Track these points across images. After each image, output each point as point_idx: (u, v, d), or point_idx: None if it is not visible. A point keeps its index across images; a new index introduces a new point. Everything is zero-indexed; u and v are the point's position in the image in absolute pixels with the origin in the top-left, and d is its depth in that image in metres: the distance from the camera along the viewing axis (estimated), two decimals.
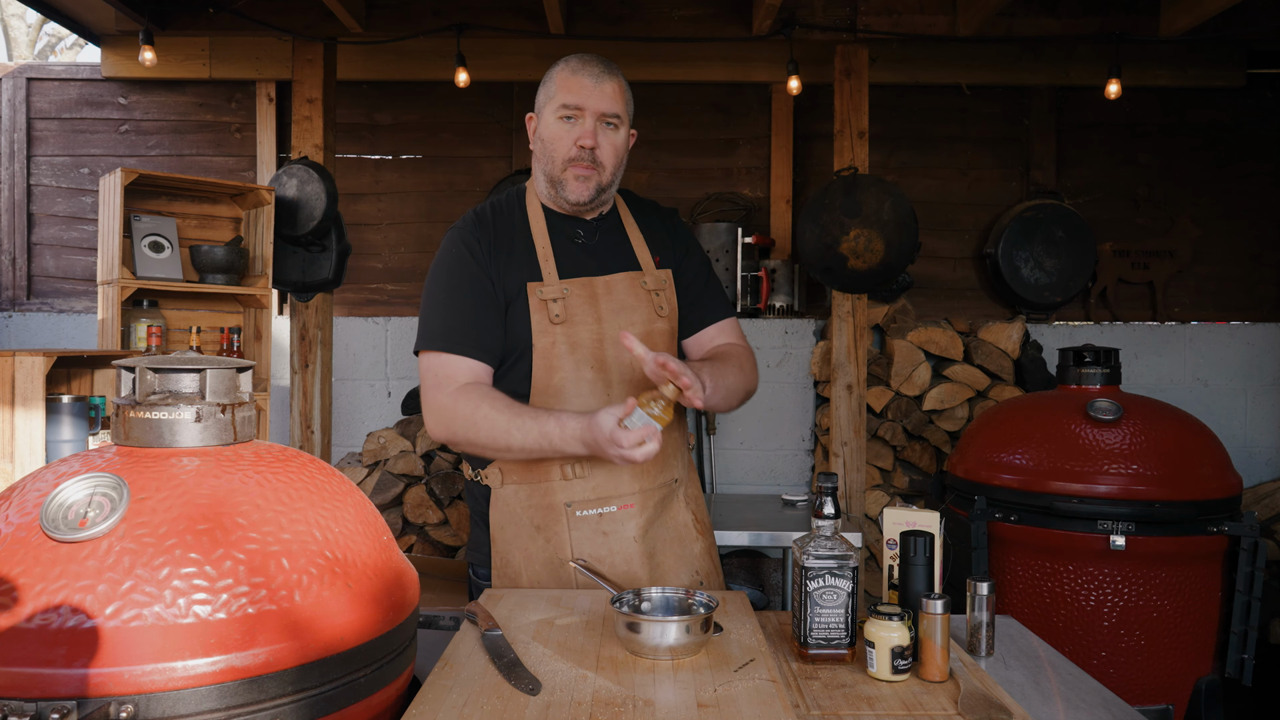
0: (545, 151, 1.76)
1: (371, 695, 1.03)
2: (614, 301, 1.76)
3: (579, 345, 1.72)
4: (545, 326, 1.71)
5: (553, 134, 1.74)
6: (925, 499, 4.18)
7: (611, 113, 1.73)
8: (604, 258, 1.80)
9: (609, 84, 1.73)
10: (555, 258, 1.76)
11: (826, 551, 1.37)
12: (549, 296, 1.72)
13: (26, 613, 0.89)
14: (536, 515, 1.74)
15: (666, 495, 1.81)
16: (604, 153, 1.74)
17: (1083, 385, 3.00)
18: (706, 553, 1.86)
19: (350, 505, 1.12)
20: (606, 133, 1.74)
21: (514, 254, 1.75)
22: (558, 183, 1.76)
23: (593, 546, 1.73)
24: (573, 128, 1.72)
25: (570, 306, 1.72)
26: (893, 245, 4.01)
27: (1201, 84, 4.46)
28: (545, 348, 1.71)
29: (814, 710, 1.22)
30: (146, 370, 1.08)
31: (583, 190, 1.74)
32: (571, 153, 1.72)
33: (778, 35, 4.10)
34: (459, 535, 4.22)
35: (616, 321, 1.74)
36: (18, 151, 4.58)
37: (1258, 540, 2.67)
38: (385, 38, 4.13)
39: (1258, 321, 4.59)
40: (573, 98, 1.71)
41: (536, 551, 1.73)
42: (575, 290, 1.74)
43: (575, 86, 1.71)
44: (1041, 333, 4.51)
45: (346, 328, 4.53)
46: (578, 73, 1.72)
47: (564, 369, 1.71)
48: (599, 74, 1.72)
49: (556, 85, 1.74)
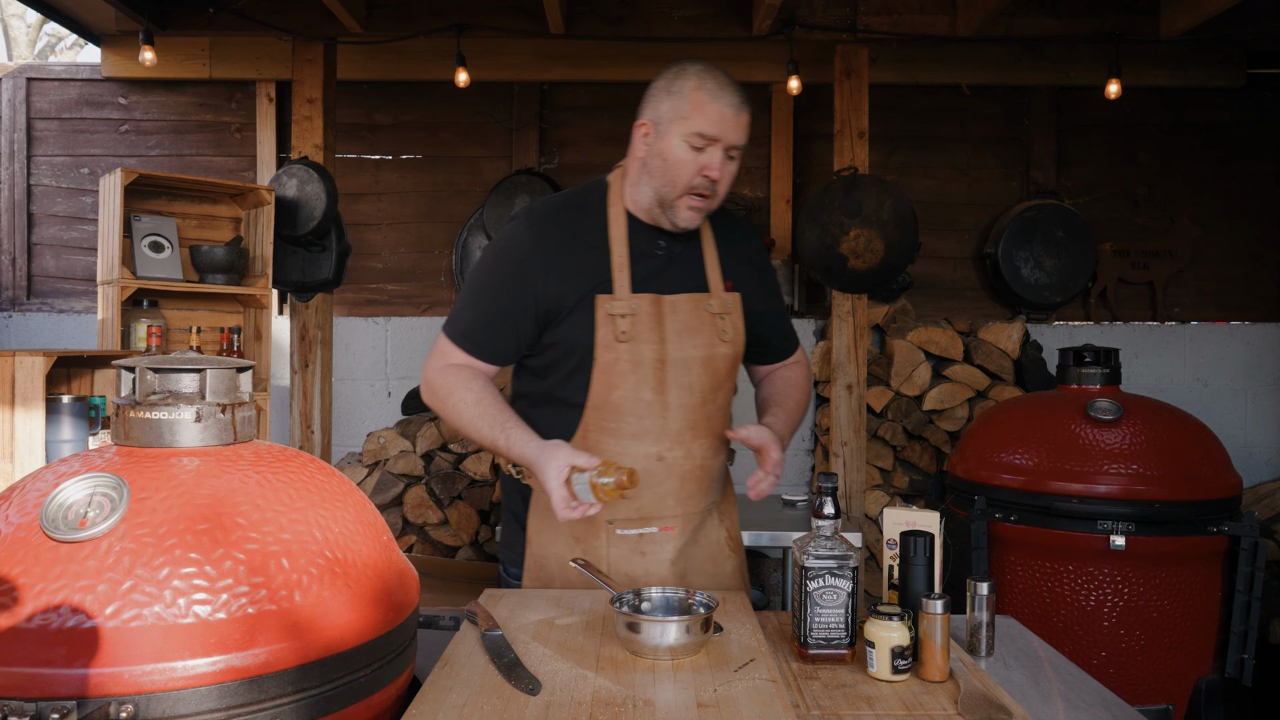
0: (665, 172, 1.67)
1: (371, 695, 1.03)
2: (678, 322, 1.70)
3: (641, 364, 1.67)
4: (610, 342, 1.66)
5: (678, 158, 1.65)
6: (925, 499, 4.18)
7: (740, 145, 1.67)
8: (677, 275, 1.74)
9: (745, 115, 1.66)
10: (630, 268, 1.69)
11: (826, 551, 1.37)
12: (618, 311, 1.66)
13: (26, 613, 0.89)
14: (575, 526, 1.72)
15: (705, 517, 1.80)
16: (723, 185, 1.68)
17: (1083, 385, 3.00)
18: (737, 571, 1.84)
19: (350, 505, 1.12)
20: (728, 164, 1.67)
21: (587, 257, 1.69)
22: (669, 206, 1.68)
23: (628, 565, 1.71)
24: (700, 156, 1.64)
25: (636, 324, 1.67)
26: (893, 245, 4.01)
27: (1201, 84, 4.46)
28: (608, 363, 1.66)
29: (814, 710, 1.22)
30: (146, 370, 1.08)
31: (694, 219, 1.69)
32: (695, 181, 1.65)
33: (778, 35, 4.10)
34: (459, 535, 4.22)
35: (680, 343, 1.69)
36: (18, 151, 4.58)
37: (1258, 540, 2.67)
38: (385, 38, 4.13)
39: (1258, 321, 4.59)
40: (711, 128, 1.63)
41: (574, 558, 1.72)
42: (643, 306, 1.68)
43: (715, 116, 1.63)
44: (1041, 333, 4.51)
45: (346, 328, 4.53)
46: (717, 99, 1.63)
47: (624, 387, 1.67)
48: (738, 105, 1.65)
49: (691, 106, 1.64)
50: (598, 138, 4.60)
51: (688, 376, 1.70)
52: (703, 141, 1.63)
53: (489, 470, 4.27)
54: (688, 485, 1.73)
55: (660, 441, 1.69)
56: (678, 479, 1.72)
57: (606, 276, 1.68)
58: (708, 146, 1.64)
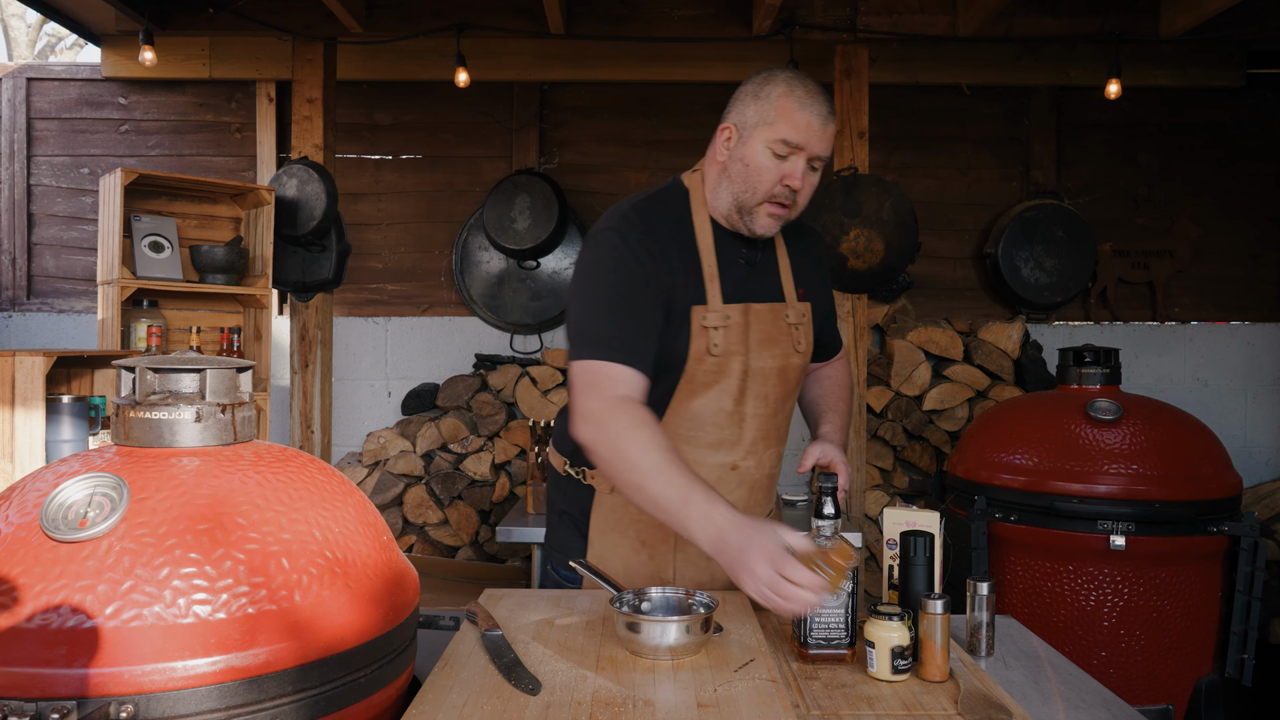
0: (746, 178, 1.62)
1: (371, 695, 1.03)
2: (760, 332, 1.68)
3: (726, 374, 1.65)
4: (701, 354, 1.63)
5: (760, 164, 1.60)
6: (925, 499, 4.18)
7: (823, 156, 1.63)
8: (759, 283, 1.72)
9: (831, 126, 1.62)
10: (720, 278, 1.66)
11: None
12: (711, 324, 1.63)
13: (26, 613, 0.89)
14: (645, 532, 1.70)
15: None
16: (804, 194, 1.64)
17: (1083, 385, 3.00)
18: None
19: (350, 505, 1.12)
20: (810, 175, 1.63)
21: (681, 267, 1.64)
22: (748, 213, 1.64)
23: (695, 572, 1.70)
24: (783, 164, 1.60)
25: (728, 335, 1.65)
26: (893, 245, 4.01)
27: (1201, 84, 4.46)
28: (695, 373, 1.64)
29: (814, 710, 1.22)
30: (146, 370, 1.08)
31: (772, 226, 1.65)
32: (776, 190, 1.61)
33: (778, 35, 4.10)
34: (459, 535, 4.22)
35: (760, 354, 1.67)
36: (18, 151, 4.58)
37: (1258, 540, 2.67)
38: (385, 38, 4.13)
39: (1258, 321, 4.59)
40: (797, 136, 1.58)
41: (638, 566, 1.70)
42: (734, 317, 1.65)
43: (802, 124, 1.58)
44: (1041, 333, 4.51)
45: (346, 328, 4.53)
46: (805, 107, 1.58)
47: (706, 396, 1.65)
48: (826, 115, 1.60)
49: (777, 113, 1.59)
50: (598, 138, 4.60)
51: (764, 387, 1.69)
52: (786, 149, 1.59)
53: (489, 470, 4.27)
54: (756, 494, 1.74)
55: (735, 451, 1.69)
56: (748, 488, 1.72)
57: (700, 287, 1.64)
58: (791, 155, 1.60)
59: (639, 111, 4.56)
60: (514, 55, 4.39)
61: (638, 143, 4.59)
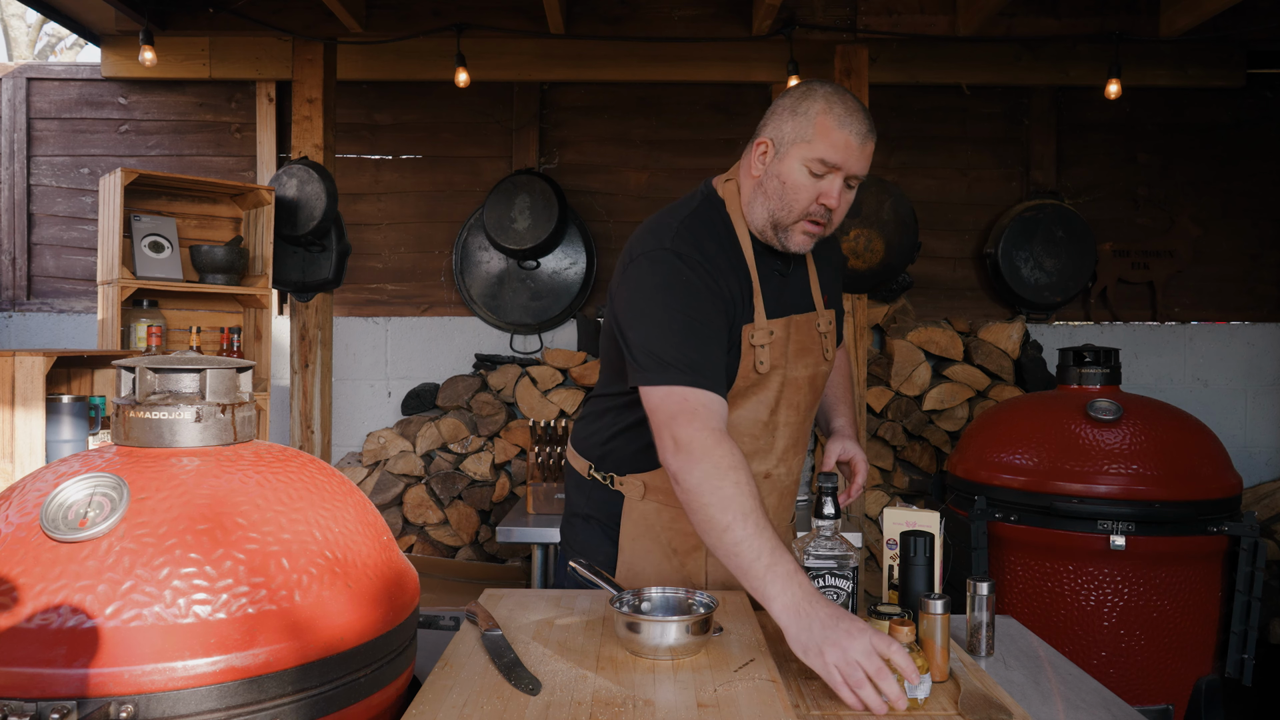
0: (783, 196, 1.59)
1: (371, 695, 1.03)
2: (797, 344, 1.68)
3: (765, 387, 1.65)
4: (748, 373, 1.62)
5: (796, 182, 1.57)
6: (925, 499, 4.18)
7: (861, 175, 1.60)
8: (794, 292, 1.72)
9: (870, 145, 1.58)
10: (762, 294, 1.65)
11: (826, 551, 1.37)
12: (759, 342, 1.62)
13: (26, 613, 0.89)
14: (676, 539, 1.70)
15: (787, 532, 1.82)
16: (839, 213, 1.62)
17: (1083, 385, 3.00)
18: None
19: (350, 505, 1.12)
20: (846, 193, 1.61)
21: (732, 281, 1.61)
22: (783, 230, 1.62)
23: (726, 577, 1.69)
24: (819, 183, 1.57)
25: (772, 351, 1.65)
26: (893, 245, 4.01)
27: (1201, 84, 4.46)
28: (739, 389, 1.64)
29: (814, 710, 1.22)
30: (146, 370, 1.08)
31: (807, 244, 1.63)
32: (812, 209, 1.59)
33: (778, 35, 4.10)
34: (459, 535, 4.22)
35: (796, 365, 1.67)
36: (18, 151, 4.58)
37: (1258, 540, 2.67)
38: (385, 38, 4.13)
39: (1258, 321, 4.59)
40: (836, 156, 1.55)
41: (670, 573, 1.70)
42: (777, 332, 1.65)
43: (841, 144, 1.54)
44: (1041, 333, 4.51)
45: (346, 328, 4.53)
46: (844, 126, 1.55)
47: (745, 408, 1.65)
48: (865, 134, 1.56)
49: (816, 131, 1.55)
50: (598, 138, 4.60)
51: (797, 396, 1.69)
52: (824, 169, 1.56)
53: (489, 470, 4.27)
54: (785, 500, 1.76)
55: (768, 460, 1.70)
56: (778, 495, 1.74)
57: (750, 304, 1.63)
58: (828, 174, 1.57)
59: (639, 111, 4.56)
60: (514, 55, 4.39)
61: (638, 143, 4.59)
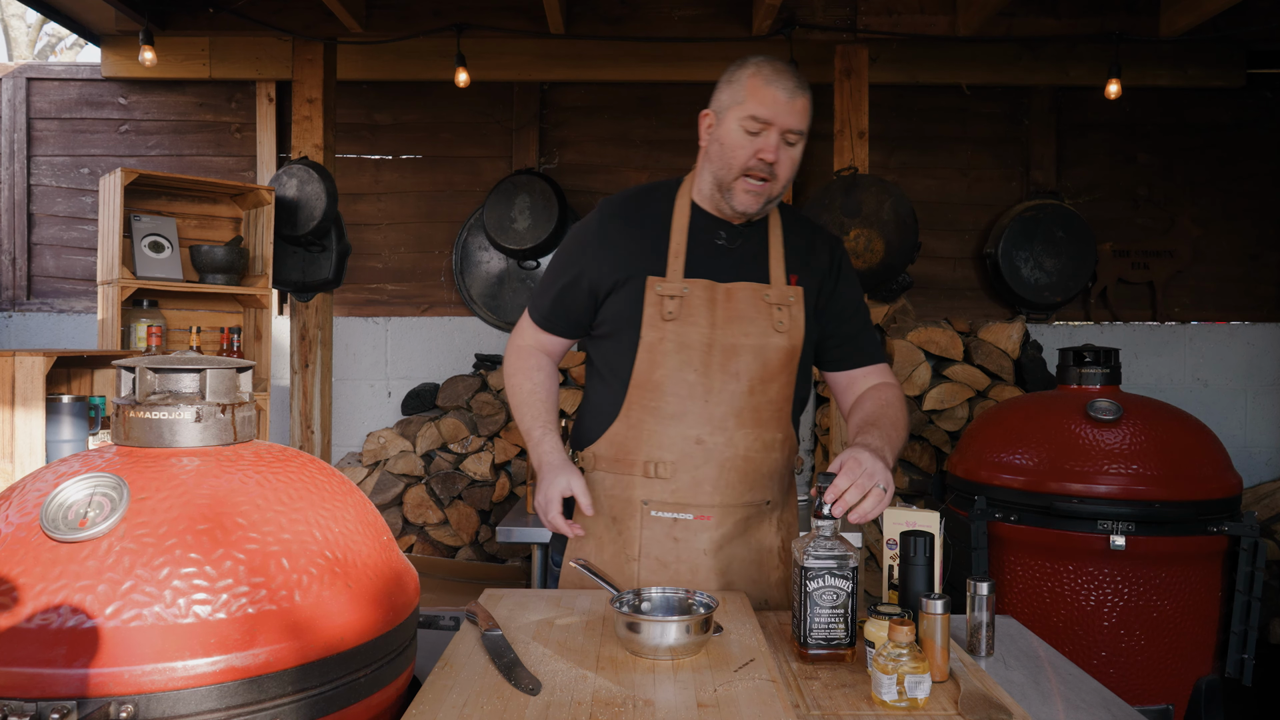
0: (722, 156, 1.71)
1: (371, 695, 1.03)
2: (731, 310, 1.72)
3: (686, 346, 1.70)
4: (656, 321, 1.70)
5: (733, 141, 1.69)
6: (925, 499, 4.18)
7: (797, 129, 1.68)
8: (736, 263, 1.76)
9: (800, 99, 1.67)
10: (686, 255, 1.74)
11: (826, 551, 1.37)
12: (667, 293, 1.71)
13: (26, 613, 0.88)
14: (615, 506, 1.74)
15: (753, 516, 1.77)
16: (781, 167, 1.70)
17: (1083, 385, 3.00)
18: (782, 583, 1.81)
19: (350, 505, 1.12)
20: (787, 149, 1.69)
21: (645, 241, 1.76)
22: (726, 189, 1.72)
23: (660, 549, 1.71)
24: (755, 139, 1.67)
25: (686, 305, 1.71)
26: (893, 245, 4.01)
27: (1201, 84, 4.46)
28: (652, 342, 1.70)
29: (814, 710, 1.22)
30: (146, 370, 1.08)
31: (751, 203, 1.71)
32: (750, 164, 1.68)
33: (778, 35, 4.10)
34: (459, 535, 4.22)
35: (730, 330, 1.71)
36: (18, 151, 4.58)
37: (1258, 540, 2.67)
38: (385, 38, 4.13)
39: (1258, 321, 4.59)
40: (764, 110, 1.66)
41: (608, 542, 1.73)
42: (695, 291, 1.71)
43: (768, 99, 1.66)
44: (1041, 333, 4.51)
45: (346, 328, 4.53)
46: (771, 84, 1.66)
47: (666, 366, 1.70)
48: (792, 90, 1.66)
49: (746, 92, 1.68)
50: (598, 138, 4.60)
51: (735, 363, 1.70)
52: (758, 125, 1.66)
53: (489, 470, 4.26)
54: (727, 474, 1.72)
55: (700, 425, 1.70)
56: (716, 466, 1.71)
57: (662, 261, 1.73)
58: (763, 130, 1.67)
59: (639, 111, 4.56)
60: (514, 55, 4.39)
61: (638, 143, 4.59)
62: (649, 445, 1.70)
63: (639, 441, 1.71)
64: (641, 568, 1.70)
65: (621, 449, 1.73)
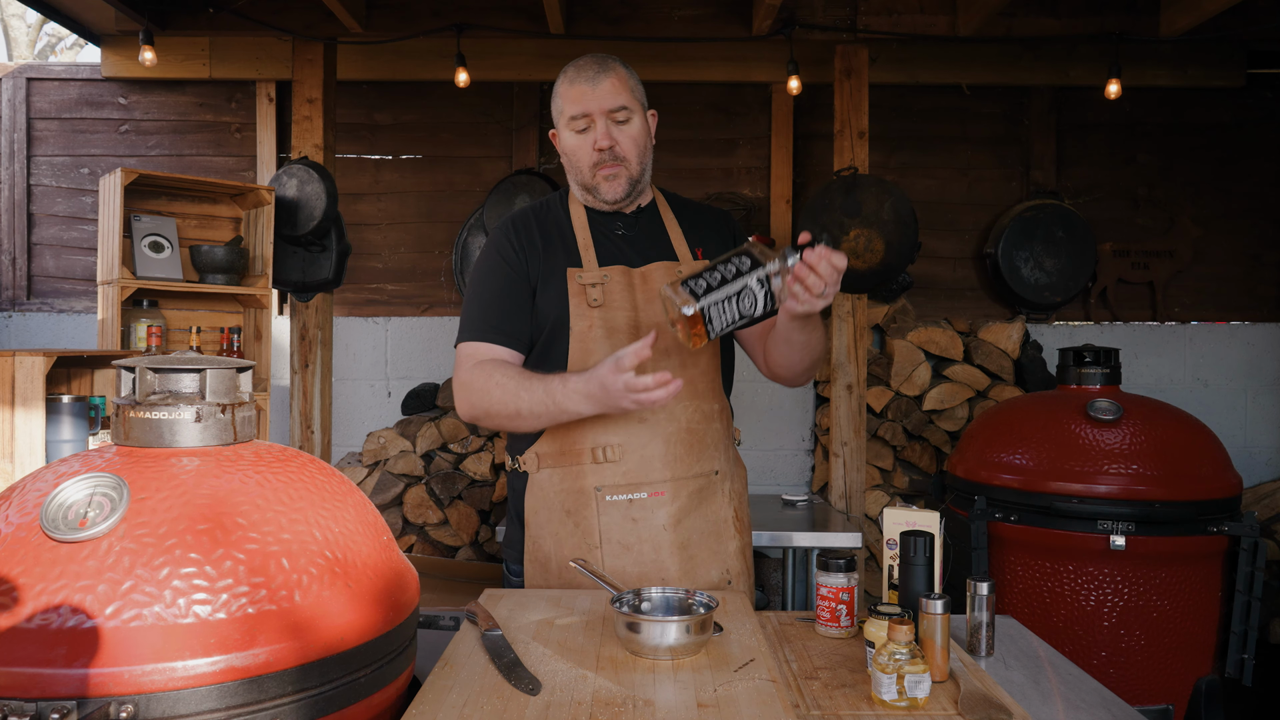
0: (571, 164, 1.81)
1: (371, 695, 1.03)
2: (649, 290, 1.78)
3: (615, 330, 1.75)
4: (583, 310, 1.75)
5: (571, 146, 1.79)
6: (925, 499, 4.18)
7: (617, 107, 1.75)
8: (643, 248, 1.83)
9: (606, 80, 1.74)
10: (595, 247, 1.80)
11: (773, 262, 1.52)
12: (588, 281, 1.76)
13: (26, 613, 0.89)
14: (568, 499, 1.75)
15: (704, 487, 1.80)
16: (624, 147, 1.77)
17: (1083, 385, 3.00)
18: (740, 552, 1.84)
19: (350, 505, 1.12)
20: (620, 128, 1.76)
21: (554, 244, 1.81)
22: (591, 188, 1.80)
23: (621, 533, 1.72)
24: (587, 135, 1.76)
25: (608, 291, 1.76)
26: (893, 245, 4.01)
27: (1201, 84, 4.46)
28: (582, 330, 1.74)
29: (814, 710, 1.22)
30: (146, 370, 1.08)
31: (616, 188, 1.78)
32: (593, 158, 1.76)
33: (778, 35, 4.10)
34: (459, 535, 4.22)
35: (651, 310, 1.77)
36: (18, 151, 4.58)
37: (1258, 540, 2.67)
38: (385, 38, 4.13)
39: (1258, 321, 4.59)
40: (577, 106, 1.75)
41: (566, 536, 1.74)
42: (614, 277, 1.77)
43: (576, 95, 1.75)
44: (1041, 333, 4.51)
45: (346, 328, 4.53)
46: (575, 82, 1.75)
47: (599, 353, 1.73)
48: (594, 74, 1.74)
49: (561, 99, 1.78)
50: None
51: (664, 341, 1.75)
52: (582, 122, 1.76)
53: (489, 470, 4.27)
54: (674, 448, 1.75)
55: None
56: (663, 441, 1.74)
57: (575, 256, 1.80)
58: (588, 124, 1.76)
59: None
60: (514, 55, 4.39)
61: None
62: (593, 432, 1.73)
63: (582, 430, 1.73)
64: (605, 554, 1.71)
65: (565, 441, 1.75)
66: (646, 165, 1.82)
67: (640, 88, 1.82)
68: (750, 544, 1.89)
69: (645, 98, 1.83)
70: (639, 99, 1.80)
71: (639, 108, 1.79)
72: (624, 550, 1.71)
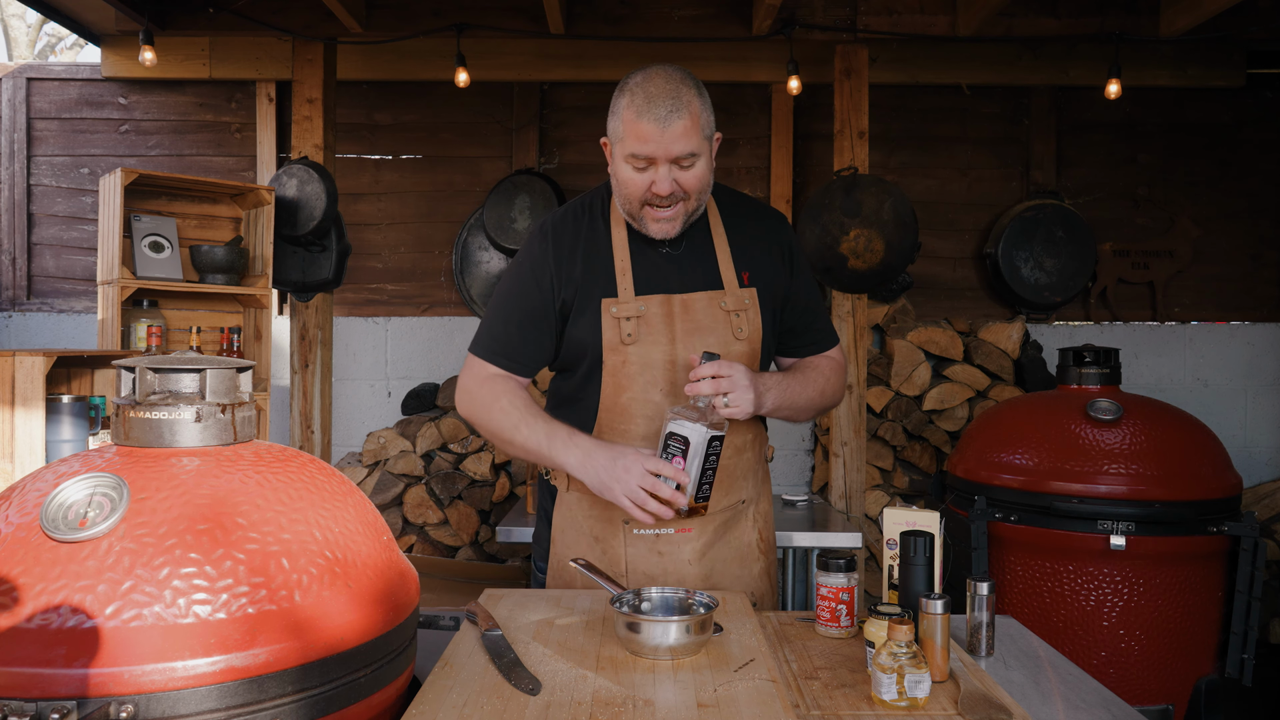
0: (620, 191, 1.65)
1: (371, 695, 1.03)
2: (690, 322, 1.68)
3: (650, 365, 1.66)
4: (616, 345, 1.66)
5: (626, 178, 1.62)
6: (925, 499, 4.18)
7: (686, 154, 1.57)
8: (686, 271, 1.70)
9: (678, 124, 1.55)
10: (634, 271, 1.68)
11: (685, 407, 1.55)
12: (623, 315, 1.65)
13: (26, 613, 0.88)
14: (595, 526, 1.73)
15: (732, 518, 1.77)
16: (691, 188, 1.62)
17: (1083, 385, 3.00)
18: (765, 573, 1.81)
19: (350, 505, 1.12)
20: (684, 173, 1.60)
21: (592, 262, 1.69)
22: (638, 220, 1.66)
23: (647, 564, 1.71)
24: (644, 174, 1.59)
25: (644, 325, 1.66)
26: (893, 245, 4.01)
27: (1201, 84, 4.46)
28: (615, 366, 1.66)
29: (814, 710, 1.22)
30: (146, 370, 1.08)
31: (666, 229, 1.64)
32: (646, 198, 1.61)
33: (778, 35, 4.10)
34: (459, 535, 4.22)
35: (690, 343, 1.67)
36: (18, 151, 4.58)
37: (1258, 540, 2.67)
38: (385, 38, 4.13)
39: (1258, 321, 4.59)
40: (640, 146, 1.56)
41: (595, 560, 1.72)
42: (651, 308, 1.66)
43: (641, 134, 1.55)
44: (1041, 333, 4.51)
45: (346, 328, 4.53)
46: (642, 116, 1.55)
47: (632, 389, 1.67)
48: (665, 115, 1.54)
49: (624, 127, 1.59)
50: (598, 138, 4.59)
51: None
52: (642, 162, 1.58)
53: (489, 470, 4.26)
54: (717, 486, 1.71)
55: None
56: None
57: (612, 283, 1.68)
58: (649, 166, 1.59)
59: None
60: (514, 55, 4.39)
61: None
62: None
63: None
64: (630, 584, 1.71)
65: None
66: (705, 198, 1.67)
67: (710, 115, 1.62)
68: (775, 563, 1.86)
69: (714, 121, 1.65)
70: (708, 135, 1.62)
71: (707, 146, 1.61)
72: (649, 581, 1.70)
